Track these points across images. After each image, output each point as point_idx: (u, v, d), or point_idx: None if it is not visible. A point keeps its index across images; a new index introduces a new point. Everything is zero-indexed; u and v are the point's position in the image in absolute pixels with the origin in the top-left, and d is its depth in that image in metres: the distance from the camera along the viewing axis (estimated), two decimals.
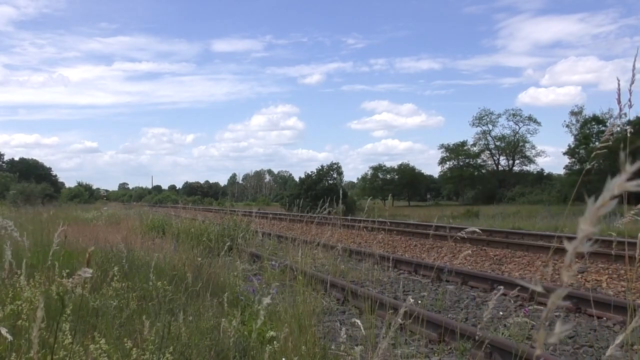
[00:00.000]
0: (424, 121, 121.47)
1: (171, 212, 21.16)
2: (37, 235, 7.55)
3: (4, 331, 1.70)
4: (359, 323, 2.55)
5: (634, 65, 1.90)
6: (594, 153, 2.00)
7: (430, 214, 32.00)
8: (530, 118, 63.61)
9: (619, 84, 1.94)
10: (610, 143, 1.97)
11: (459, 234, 3.89)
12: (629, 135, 2.00)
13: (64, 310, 2.66)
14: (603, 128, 46.34)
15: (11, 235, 2.59)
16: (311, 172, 47.23)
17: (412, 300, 2.14)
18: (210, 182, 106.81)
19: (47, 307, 3.68)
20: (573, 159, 47.33)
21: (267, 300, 2.30)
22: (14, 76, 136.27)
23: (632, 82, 1.94)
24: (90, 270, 1.56)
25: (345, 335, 2.48)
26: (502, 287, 2.95)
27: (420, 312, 4.98)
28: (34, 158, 74.29)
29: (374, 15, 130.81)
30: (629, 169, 0.62)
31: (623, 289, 7.71)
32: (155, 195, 79.51)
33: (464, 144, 65.63)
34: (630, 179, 0.62)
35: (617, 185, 0.63)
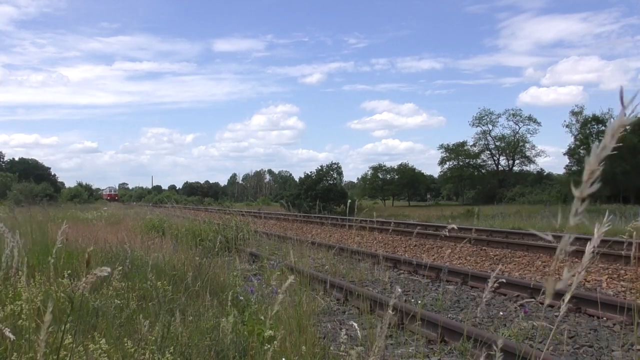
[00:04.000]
0: (424, 121, 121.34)
1: (170, 212, 21.17)
2: (36, 235, 7.56)
3: (6, 331, 1.70)
4: (356, 326, 2.55)
5: None
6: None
7: (430, 214, 32.00)
8: (530, 118, 63.61)
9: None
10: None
11: (444, 231, 3.89)
12: None
13: (73, 311, 2.66)
14: (603, 128, 46.32)
15: (5, 238, 2.59)
16: (311, 172, 47.23)
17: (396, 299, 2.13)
18: (210, 182, 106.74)
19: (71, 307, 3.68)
20: (573, 159, 47.30)
21: (276, 307, 2.24)
22: (14, 76, 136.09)
23: None
24: (109, 269, 1.54)
25: (345, 336, 2.48)
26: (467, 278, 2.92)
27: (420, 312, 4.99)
28: (34, 158, 74.25)
29: (376, 14, 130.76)
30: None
31: (623, 289, 7.71)
32: (155, 195, 79.48)
33: (463, 144, 65.61)
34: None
35: (617, 123, 0.75)
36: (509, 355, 4.11)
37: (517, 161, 65.43)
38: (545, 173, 62.20)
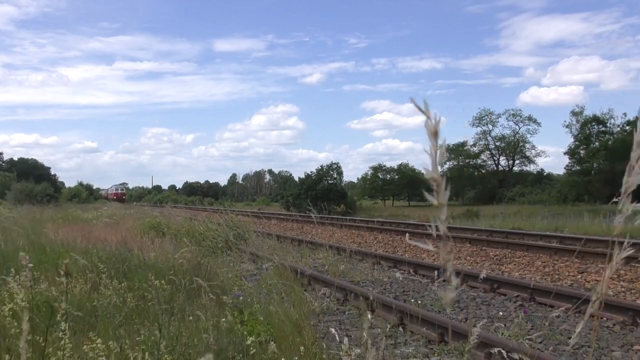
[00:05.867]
0: (425, 121, 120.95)
1: (170, 212, 21.17)
2: (34, 235, 7.54)
3: None
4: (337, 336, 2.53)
5: None
6: None
7: (430, 215, 31.94)
8: (530, 118, 63.44)
9: None
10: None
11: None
12: None
13: (53, 317, 2.64)
14: (603, 128, 46.29)
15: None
16: (311, 172, 47.15)
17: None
18: (210, 182, 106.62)
19: (45, 308, 3.67)
20: (573, 159, 47.27)
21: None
22: (13, 75, 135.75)
23: None
24: None
25: (347, 342, 2.47)
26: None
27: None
28: (34, 158, 74.13)
29: (376, 14, 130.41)
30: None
31: (623, 289, 7.70)
32: (155, 195, 79.48)
33: (463, 144, 65.59)
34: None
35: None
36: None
37: (517, 161, 65.41)
38: (545, 173, 62.10)
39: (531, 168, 64.50)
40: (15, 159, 72.30)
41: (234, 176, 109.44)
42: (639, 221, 0.81)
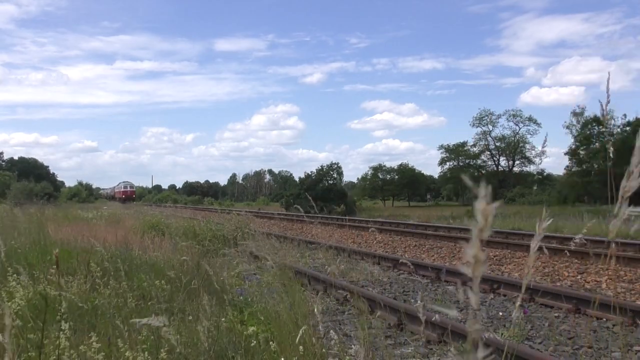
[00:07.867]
0: (425, 121, 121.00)
1: (170, 212, 21.19)
2: (35, 234, 7.55)
3: None
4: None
5: None
6: None
7: (430, 215, 31.97)
8: (530, 119, 63.44)
9: None
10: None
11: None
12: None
13: (48, 309, 2.65)
14: (604, 129, 46.25)
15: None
16: (311, 172, 47.16)
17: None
18: (210, 181, 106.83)
19: (46, 306, 3.67)
20: (574, 160, 47.29)
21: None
22: (13, 74, 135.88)
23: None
24: None
25: (336, 337, 2.47)
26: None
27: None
28: (34, 157, 74.21)
29: (378, 14, 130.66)
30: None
31: (623, 289, 7.70)
32: (155, 195, 79.55)
33: (464, 144, 65.61)
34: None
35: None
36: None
37: (517, 162, 65.41)
38: (545, 174, 62.11)
39: (531, 169, 64.56)
40: (16, 158, 72.45)
41: (234, 176, 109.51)
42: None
